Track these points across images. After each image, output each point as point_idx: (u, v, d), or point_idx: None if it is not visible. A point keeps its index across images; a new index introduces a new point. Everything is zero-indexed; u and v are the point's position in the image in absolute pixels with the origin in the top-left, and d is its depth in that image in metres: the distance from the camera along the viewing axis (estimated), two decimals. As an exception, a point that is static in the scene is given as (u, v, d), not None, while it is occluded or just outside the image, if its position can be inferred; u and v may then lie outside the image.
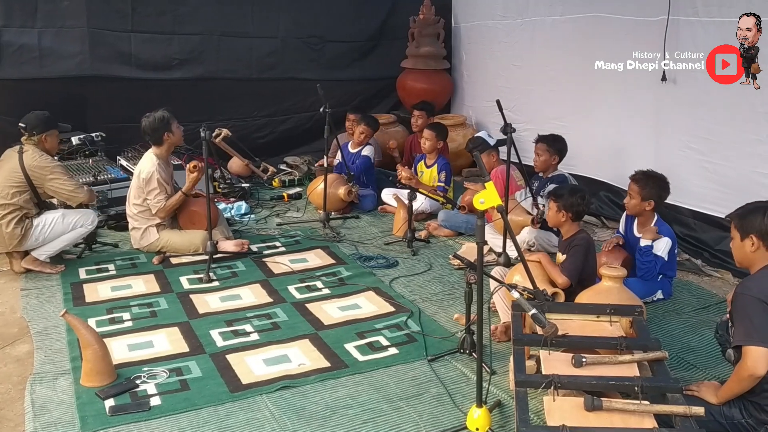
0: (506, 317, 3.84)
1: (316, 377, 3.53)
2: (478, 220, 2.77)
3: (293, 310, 4.33)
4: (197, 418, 3.20)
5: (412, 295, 4.56)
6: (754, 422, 2.79)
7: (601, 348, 3.09)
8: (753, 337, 2.65)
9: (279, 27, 7.71)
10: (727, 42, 4.74)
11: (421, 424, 3.14)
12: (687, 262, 5.00)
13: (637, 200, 4.33)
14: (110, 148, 6.59)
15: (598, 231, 5.78)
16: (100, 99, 6.98)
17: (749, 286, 2.76)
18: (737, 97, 4.76)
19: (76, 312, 4.07)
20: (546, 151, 5.18)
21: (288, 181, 7.17)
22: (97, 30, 6.83)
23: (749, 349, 2.65)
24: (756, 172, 4.69)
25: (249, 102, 7.70)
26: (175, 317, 4.23)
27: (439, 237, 5.68)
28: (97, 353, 3.44)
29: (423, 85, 7.88)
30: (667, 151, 5.40)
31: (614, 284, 3.57)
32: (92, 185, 5.46)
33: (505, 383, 3.43)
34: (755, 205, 2.90)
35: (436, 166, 6.13)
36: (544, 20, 6.62)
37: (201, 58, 7.38)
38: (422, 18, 7.89)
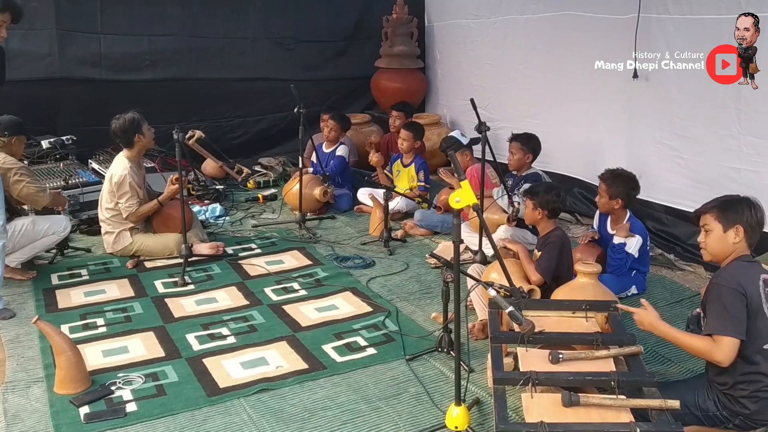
0: (483, 315, 3.85)
1: (294, 379, 3.51)
2: (455, 219, 2.78)
3: (270, 313, 4.30)
4: (174, 424, 3.16)
5: (390, 294, 4.56)
6: (728, 414, 2.83)
7: (578, 344, 3.11)
8: (727, 327, 2.67)
9: (249, 27, 7.66)
10: (694, 41, 4.82)
11: (400, 424, 3.14)
12: (660, 257, 5.06)
13: (605, 199, 4.39)
14: (81, 152, 6.49)
15: (572, 228, 5.83)
16: (70, 101, 6.88)
17: (725, 276, 2.77)
18: (709, 94, 4.82)
19: (48, 318, 4.01)
20: (520, 149, 5.21)
21: (263, 183, 7.13)
22: (66, 31, 6.73)
23: (724, 339, 2.66)
24: (728, 167, 4.75)
25: (222, 103, 7.63)
26: (150, 322, 4.18)
27: (416, 236, 5.69)
28: (71, 360, 3.39)
29: (397, 84, 7.89)
30: (639, 147, 5.47)
31: (589, 280, 3.61)
32: (64, 189, 5.38)
33: (483, 381, 3.44)
34: (734, 198, 2.92)
35: (414, 165, 6.15)
36: (517, 19, 6.66)
37: (172, 58, 7.31)
38: (395, 17, 7.90)
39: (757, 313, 2.71)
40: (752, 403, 2.77)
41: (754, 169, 4.59)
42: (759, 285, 2.74)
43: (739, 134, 4.66)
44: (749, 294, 2.70)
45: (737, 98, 4.63)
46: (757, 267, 2.81)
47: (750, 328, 2.70)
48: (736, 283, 2.71)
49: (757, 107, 4.53)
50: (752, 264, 2.81)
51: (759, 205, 2.85)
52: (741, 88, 4.58)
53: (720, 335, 2.68)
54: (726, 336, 2.67)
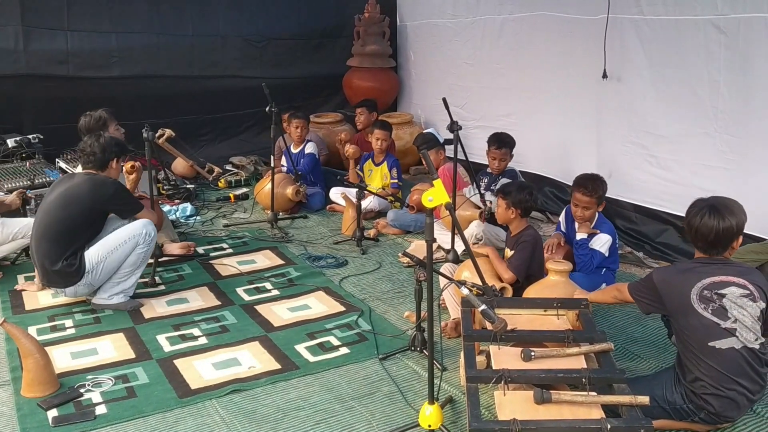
0: (456, 313, 3.87)
1: (267, 380, 3.49)
2: (428, 218, 2.79)
3: (242, 313, 4.27)
4: (145, 426, 3.13)
5: (362, 293, 4.56)
6: (694, 407, 2.91)
7: (549, 341, 3.14)
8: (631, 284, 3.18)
9: (219, 24, 7.61)
10: (670, 42, 4.88)
11: (374, 423, 3.14)
12: (629, 254, 5.13)
13: (593, 210, 4.34)
14: (48, 151, 6.38)
15: (543, 226, 5.88)
16: (36, 99, 6.76)
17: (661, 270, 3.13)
18: (681, 92, 4.90)
19: (15, 320, 3.94)
20: (509, 155, 5.20)
21: (234, 182, 7.08)
22: (31, 28, 6.60)
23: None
24: (701, 165, 4.81)
25: (192, 101, 7.56)
26: (120, 323, 4.12)
27: (388, 235, 5.69)
28: (39, 362, 3.33)
29: (369, 83, 7.89)
30: (610, 146, 5.54)
31: (561, 278, 3.65)
32: (30, 189, 5.28)
33: (456, 379, 3.45)
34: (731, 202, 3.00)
35: (386, 163, 6.16)
36: (494, 19, 6.69)
37: (141, 56, 7.22)
38: (367, 16, 7.90)
39: (688, 311, 2.85)
40: (715, 400, 2.85)
41: (728, 167, 4.66)
42: (696, 287, 2.87)
43: (716, 132, 4.72)
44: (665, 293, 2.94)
45: (715, 97, 4.70)
46: (698, 274, 2.92)
47: (684, 325, 2.88)
48: (662, 280, 2.98)
49: (734, 105, 4.59)
50: (691, 271, 2.95)
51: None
52: (718, 86, 4.63)
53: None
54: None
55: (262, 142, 7.49)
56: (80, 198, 4.05)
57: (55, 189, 4.22)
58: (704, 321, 2.84)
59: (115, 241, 4.11)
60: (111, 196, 4.15)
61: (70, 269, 4.03)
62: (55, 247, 4.02)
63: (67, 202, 4.05)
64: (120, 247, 4.11)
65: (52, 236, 4.03)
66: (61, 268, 4.01)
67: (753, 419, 3.11)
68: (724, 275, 2.88)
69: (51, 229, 4.04)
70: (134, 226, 4.19)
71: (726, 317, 2.82)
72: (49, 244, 4.02)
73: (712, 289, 2.86)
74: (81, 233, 4.10)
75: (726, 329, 2.82)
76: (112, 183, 4.20)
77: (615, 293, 3.32)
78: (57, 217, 4.05)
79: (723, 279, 2.87)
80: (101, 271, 4.11)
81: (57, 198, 4.10)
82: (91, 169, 4.22)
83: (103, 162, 4.24)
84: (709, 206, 2.92)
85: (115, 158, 4.29)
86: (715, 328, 2.83)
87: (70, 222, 4.03)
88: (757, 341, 2.86)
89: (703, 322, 2.84)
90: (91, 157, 4.20)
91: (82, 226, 4.10)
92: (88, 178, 4.13)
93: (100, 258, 4.08)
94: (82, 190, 4.07)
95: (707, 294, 2.85)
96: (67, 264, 4.01)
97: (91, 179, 4.12)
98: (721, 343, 2.83)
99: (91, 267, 4.07)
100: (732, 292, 2.85)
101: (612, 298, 3.36)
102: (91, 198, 4.07)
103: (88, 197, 4.07)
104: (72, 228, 4.04)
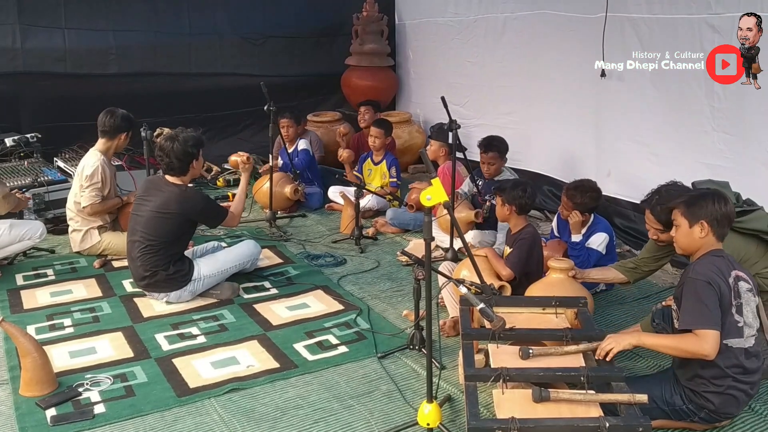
0: (455, 312, 3.87)
1: (266, 378, 3.49)
2: (426, 217, 2.79)
3: (241, 311, 4.27)
4: (144, 425, 3.13)
5: (361, 292, 4.56)
6: (694, 407, 2.89)
7: (548, 340, 3.14)
8: (709, 320, 2.70)
9: (217, 22, 7.60)
10: (667, 41, 4.88)
11: (373, 422, 3.14)
12: (627, 253, 5.13)
13: (580, 218, 4.39)
14: (46, 150, 6.37)
15: (542, 225, 5.89)
16: (33, 97, 6.75)
17: (699, 271, 2.80)
18: (678, 91, 4.90)
19: (13, 319, 3.93)
20: (498, 159, 5.19)
21: (232, 181, 7.06)
22: (28, 26, 6.59)
23: (707, 332, 2.69)
24: (700, 163, 4.81)
25: (189, 99, 7.54)
26: (119, 322, 4.13)
27: (387, 234, 5.69)
28: (37, 361, 3.32)
29: (368, 82, 7.88)
30: (609, 144, 5.53)
31: (562, 276, 3.65)
32: (29, 188, 5.27)
33: (454, 378, 3.46)
34: (700, 192, 2.97)
35: (385, 162, 6.15)
36: (497, 17, 6.69)
37: (138, 54, 7.22)
38: (366, 15, 7.89)
39: (727, 310, 2.76)
40: (716, 397, 2.83)
41: (726, 165, 4.65)
42: (730, 282, 2.78)
43: (713, 131, 4.72)
44: (721, 290, 2.75)
45: (710, 95, 4.69)
46: (727, 262, 2.85)
47: None
48: (708, 277, 2.75)
49: (730, 103, 4.59)
50: (723, 259, 2.85)
51: (725, 198, 2.90)
52: (713, 85, 4.64)
53: (702, 329, 2.70)
54: (708, 330, 2.70)
55: (260, 140, 7.48)
56: (172, 216, 4.25)
57: (146, 201, 4.32)
58: (730, 318, 2.75)
59: (225, 263, 4.51)
60: (199, 212, 4.40)
61: (179, 273, 4.29)
62: (163, 255, 4.25)
63: (164, 221, 4.24)
64: (230, 270, 4.53)
65: (158, 246, 4.24)
66: (174, 272, 4.26)
67: (752, 418, 3.11)
68: (735, 269, 2.83)
69: (155, 241, 4.24)
70: (243, 251, 4.66)
71: (742, 313, 2.77)
72: (157, 257, 4.24)
73: (736, 284, 2.78)
74: (182, 240, 4.41)
75: (741, 327, 2.77)
76: (199, 200, 4.39)
77: (694, 342, 2.76)
78: (158, 231, 4.24)
79: (737, 273, 2.82)
80: (206, 283, 4.41)
81: (152, 215, 4.25)
82: (174, 175, 4.33)
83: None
84: (712, 193, 2.88)
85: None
86: (734, 326, 2.76)
87: (171, 235, 4.28)
88: (753, 337, 2.84)
89: (729, 319, 2.75)
90: (171, 164, 4.30)
91: (184, 236, 4.42)
92: (175, 196, 4.27)
93: (209, 272, 4.40)
94: (171, 210, 4.25)
95: (735, 289, 2.78)
96: (177, 269, 4.28)
97: (177, 198, 4.26)
98: (734, 342, 2.77)
99: (198, 276, 4.36)
100: (742, 287, 2.80)
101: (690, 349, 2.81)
102: (181, 213, 4.28)
103: (180, 215, 4.28)
104: (173, 240, 4.30)
